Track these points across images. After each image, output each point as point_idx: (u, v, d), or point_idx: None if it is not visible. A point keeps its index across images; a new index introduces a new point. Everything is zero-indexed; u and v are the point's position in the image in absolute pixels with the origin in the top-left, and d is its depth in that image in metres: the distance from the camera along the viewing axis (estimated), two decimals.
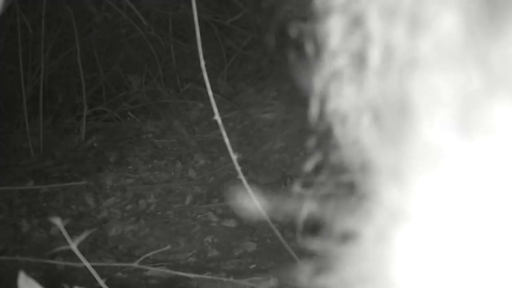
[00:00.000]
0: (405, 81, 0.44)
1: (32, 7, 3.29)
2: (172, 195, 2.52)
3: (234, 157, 0.75)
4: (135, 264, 1.05)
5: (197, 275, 1.88)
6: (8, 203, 2.48)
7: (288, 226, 2.16)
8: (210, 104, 3.46)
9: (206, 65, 3.67)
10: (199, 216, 2.30)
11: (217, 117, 0.76)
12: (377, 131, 0.46)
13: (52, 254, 2.03)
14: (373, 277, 0.47)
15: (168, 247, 2.13)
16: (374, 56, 0.45)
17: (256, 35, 3.42)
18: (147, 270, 1.95)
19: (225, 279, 1.83)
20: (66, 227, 0.91)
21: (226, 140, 0.76)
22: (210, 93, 0.79)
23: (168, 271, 1.81)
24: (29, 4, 3.30)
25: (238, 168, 0.75)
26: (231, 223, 2.22)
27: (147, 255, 1.92)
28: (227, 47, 3.50)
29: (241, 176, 0.76)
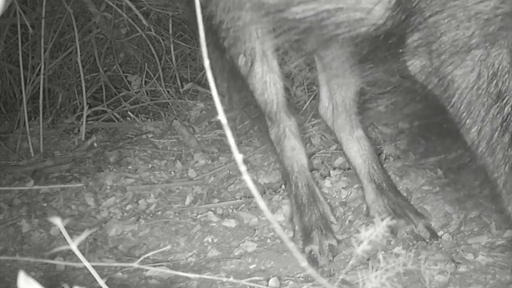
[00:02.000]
0: None
1: (32, 7, 3.29)
2: (172, 195, 2.52)
3: (239, 157, 0.75)
4: (135, 264, 1.05)
5: (197, 275, 1.88)
6: (8, 203, 2.48)
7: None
8: (210, 104, 3.46)
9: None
10: (199, 216, 2.30)
11: (221, 117, 0.75)
12: None
13: (52, 254, 2.03)
14: None
15: (168, 247, 2.13)
16: None
17: None
18: (147, 270, 1.95)
19: (225, 279, 1.83)
20: (66, 227, 0.91)
21: (231, 141, 0.75)
22: (214, 92, 0.79)
23: (168, 271, 1.80)
24: (29, 4, 3.30)
25: (243, 168, 0.75)
26: (231, 223, 2.22)
27: (147, 255, 1.92)
28: None
29: (245, 177, 0.76)
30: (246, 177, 0.70)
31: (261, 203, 0.71)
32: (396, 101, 2.87)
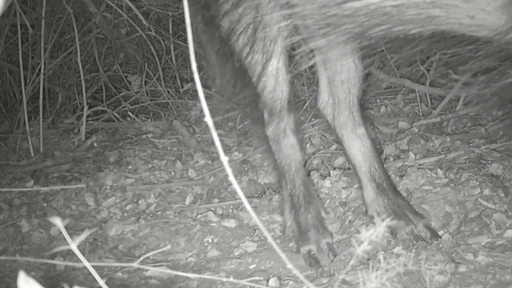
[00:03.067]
0: None
1: (32, 7, 3.29)
2: (172, 195, 2.52)
3: (225, 159, 0.75)
4: (135, 264, 1.04)
5: (197, 275, 1.88)
6: (8, 203, 2.48)
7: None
8: (210, 104, 3.45)
9: (205, 66, 3.64)
10: (199, 216, 2.30)
11: (208, 119, 0.76)
12: None
13: (52, 254, 2.03)
14: None
15: (168, 247, 2.13)
16: None
17: None
18: (147, 270, 1.95)
19: (225, 279, 1.83)
20: (66, 227, 0.91)
21: (217, 143, 0.76)
22: (201, 94, 0.79)
23: (168, 271, 1.80)
24: (29, 4, 3.30)
25: (229, 171, 0.75)
26: (231, 223, 2.22)
27: (147, 255, 1.92)
28: None
29: (231, 179, 0.76)
30: (232, 179, 0.70)
31: (248, 206, 0.71)
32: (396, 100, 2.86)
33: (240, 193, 0.73)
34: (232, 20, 1.96)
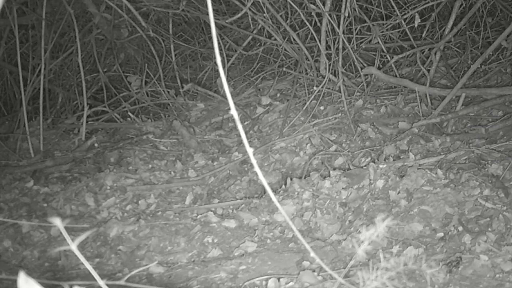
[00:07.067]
0: None
1: (32, 8, 3.29)
2: (172, 196, 2.52)
3: (250, 150, 0.75)
4: (122, 282, 1.00)
5: (197, 275, 1.88)
6: (8, 203, 2.48)
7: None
8: (210, 105, 3.45)
9: (206, 66, 3.64)
10: (199, 216, 2.30)
11: (233, 111, 0.76)
12: None
13: (52, 254, 2.03)
14: None
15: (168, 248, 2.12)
16: None
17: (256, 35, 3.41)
18: (147, 269, 1.95)
19: (224, 279, 1.83)
20: (66, 227, 0.91)
21: (242, 134, 0.76)
22: (225, 85, 0.79)
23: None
24: (29, 4, 3.30)
25: (254, 162, 0.75)
26: (231, 223, 2.22)
27: (134, 272, 1.90)
28: (227, 47, 3.51)
29: (257, 169, 0.76)
30: (257, 170, 0.70)
31: (272, 195, 0.70)
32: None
33: (265, 183, 0.73)
34: None
